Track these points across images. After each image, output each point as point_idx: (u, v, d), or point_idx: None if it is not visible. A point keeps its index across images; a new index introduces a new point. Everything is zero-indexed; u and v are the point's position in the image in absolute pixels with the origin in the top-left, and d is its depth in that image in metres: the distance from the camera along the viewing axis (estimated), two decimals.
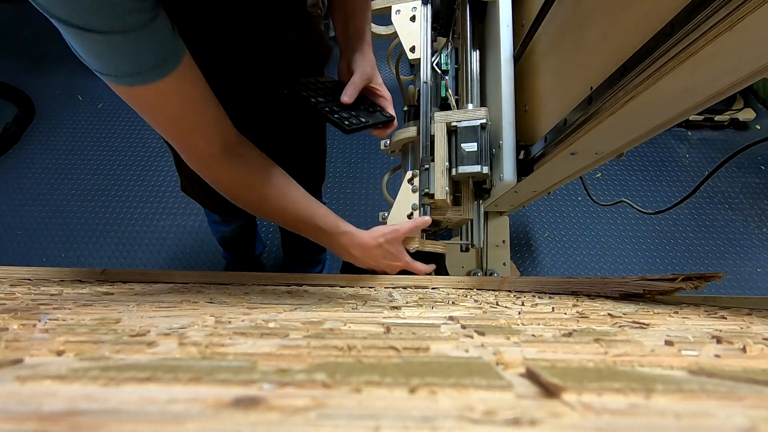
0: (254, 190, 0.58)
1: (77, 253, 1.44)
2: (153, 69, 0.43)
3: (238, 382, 0.13)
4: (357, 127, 0.58)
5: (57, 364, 0.16)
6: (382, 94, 0.65)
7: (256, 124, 0.71)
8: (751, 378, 0.15)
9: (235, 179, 0.56)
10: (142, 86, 0.43)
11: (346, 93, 0.60)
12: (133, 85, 0.43)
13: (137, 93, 0.44)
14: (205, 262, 1.43)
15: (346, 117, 0.58)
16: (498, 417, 0.10)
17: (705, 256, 1.44)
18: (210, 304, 0.39)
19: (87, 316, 0.30)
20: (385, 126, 0.64)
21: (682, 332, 0.26)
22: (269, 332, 0.24)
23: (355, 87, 0.60)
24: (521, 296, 0.56)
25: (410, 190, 0.73)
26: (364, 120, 0.59)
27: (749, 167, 1.62)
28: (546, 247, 1.47)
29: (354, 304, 0.44)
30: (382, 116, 0.63)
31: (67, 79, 1.81)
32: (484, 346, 0.21)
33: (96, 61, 0.41)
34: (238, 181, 0.57)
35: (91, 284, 0.59)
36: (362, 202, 1.55)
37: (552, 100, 0.64)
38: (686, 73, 0.37)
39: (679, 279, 0.43)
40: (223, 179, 0.56)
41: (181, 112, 0.48)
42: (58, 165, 1.63)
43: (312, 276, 0.72)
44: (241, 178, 0.56)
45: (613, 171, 1.62)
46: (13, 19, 2.01)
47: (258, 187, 0.58)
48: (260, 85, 0.65)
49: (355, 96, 0.60)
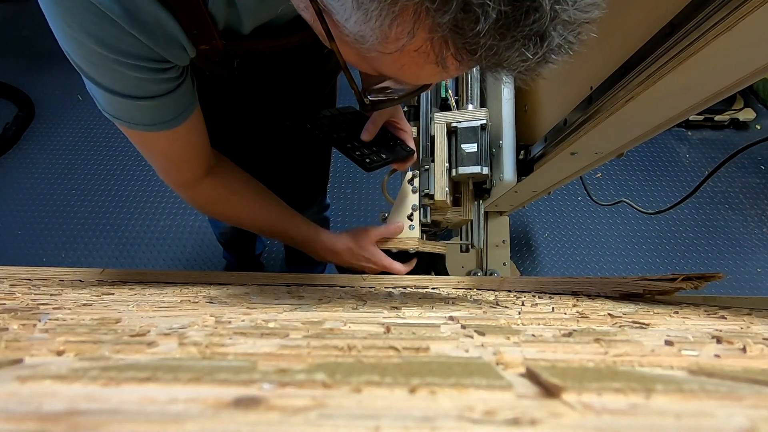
0: (228, 205, 0.60)
1: (77, 253, 1.44)
2: (170, 121, 0.45)
3: (238, 382, 0.13)
4: (378, 164, 0.59)
5: (57, 364, 0.16)
6: (403, 127, 0.65)
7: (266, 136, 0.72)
8: (751, 378, 0.15)
9: (211, 197, 0.58)
10: (153, 132, 0.45)
11: (367, 130, 0.61)
12: (144, 131, 0.45)
13: (146, 137, 0.46)
14: (205, 262, 1.43)
15: (367, 154, 0.59)
16: (498, 417, 0.10)
17: (705, 256, 1.44)
18: (210, 304, 0.39)
19: (87, 316, 0.30)
20: (405, 160, 0.64)
21: (682, 332, 0.26)
22: (269, 332, 0.24)
23: (375, 125, 0.61)
24: (521, 296, 0.56)
25: (410, 191, 0.73)
26: (385, 156, 0.60)
27: (749, 167, 1.62)
28: (546, 247, 1.47)
29: (354, 304, 0.44)
30: (403, 151, 0.64)
31: (67, 79, 1.81)
32: (484, 346, 0.21)
33: (116, 111, 0.43)
34: (214, 199, 0.59)
35: (91, 284, 0.59)
36: (362, 202, 1.55)
37: (552, 100, 0.64)
38: (686, 73, 0.37)
39: (679, 279, 0.43)
40: (200, 197, 0.58)
41: (179, 152, 0.50)
42: (58, 165, 1.62)
43: (312, 276, 0.72)
44: (216, 196, 0.59)
45: (613, 171, 1.62)
46: (13, 19, 2.01)
47: (232, 204, 0.60)
48: (277, 108, 0.67)
49: (375, 133, 0.61)
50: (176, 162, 0.52)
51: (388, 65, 0.28)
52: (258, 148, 0.75)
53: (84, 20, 0.33)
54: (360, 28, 0.26)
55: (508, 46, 0.23)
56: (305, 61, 0.56)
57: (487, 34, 0.22)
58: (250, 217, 0.63)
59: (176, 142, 0.48)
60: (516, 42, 0.23)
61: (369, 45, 0.26)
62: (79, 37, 0.35)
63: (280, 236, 0.66)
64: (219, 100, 0.54)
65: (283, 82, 0.59)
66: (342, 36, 0.29)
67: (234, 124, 0.64)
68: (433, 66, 0.26)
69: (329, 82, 0.70)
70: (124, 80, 0.39)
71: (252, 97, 0.62)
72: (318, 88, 0.68)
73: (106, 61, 0.36)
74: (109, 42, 0.35)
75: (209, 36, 0.40)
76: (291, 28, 0.46)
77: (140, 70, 0.38)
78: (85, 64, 0.38)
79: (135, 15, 0.34)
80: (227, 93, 0.58)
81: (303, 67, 0.58)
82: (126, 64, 0.37)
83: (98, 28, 0.34)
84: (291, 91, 0.63)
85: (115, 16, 0.33)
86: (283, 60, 0.52)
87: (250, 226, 0.64)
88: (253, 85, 0.59)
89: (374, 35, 0.25)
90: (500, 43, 0.23)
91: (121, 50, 0.36)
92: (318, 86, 0.68)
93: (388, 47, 0.25)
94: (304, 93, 0.66)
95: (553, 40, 0.24)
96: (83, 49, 0.36)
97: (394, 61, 0.27)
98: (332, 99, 0.77)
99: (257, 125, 0.70)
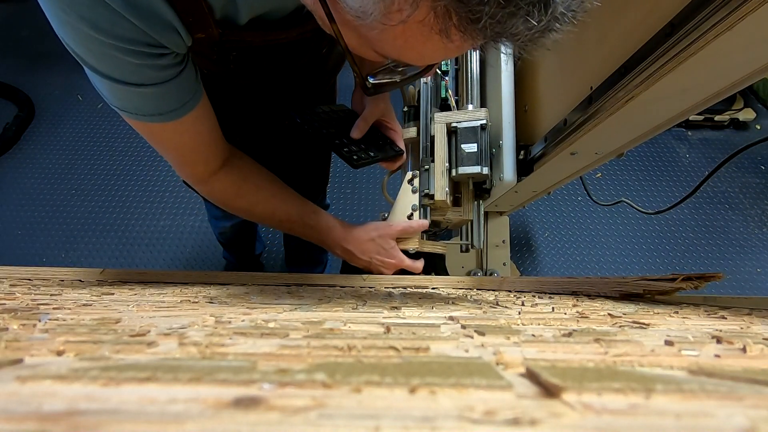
0: (244, 197, 0.60)
1: (77, 253, 1.44)
2: (175, 110, 0.45)
3: (238, 382, 0.13)
4: (365, 162, 0.59)
5: (57, 364, 0.16)
6: (393, 127, 0.66)
7: (264, 134, 0.72)
8: (751, 378, 0.15)
9: (227, 190, 0.58)
10: (160, 123, 0.45)
11: (357, 128, 0.61)
12: (152, 122, 0.45)
13: (154, 129, 0.46)
14: (205, 262, 1.43)
15: (355, 151, 0.59)
16: (498, 417, 0.10)
17: (705, 256, 1.44)
18: (210, 304, 0.39)
19: (87, 316, 0.30)
20: (394, 160, 0.64)
21: (682, 332, 0.26)
22: (269, 332, 0.24)
23: (365, 123, 0.61)
24: (521, 296, 0.56)
25: (410, 191, 0.73)
26: (373, 155, 0.61)
27: (749, 167, 1.62)
28: (546, 247, 1.47)
29: (354, 304, 0.44)
30: (392, 150, 0.64)
31: (67, 79, 1.81)
32: (484, 346, 0.21)
33: (120, 102, 0.43)
34: (230, 191, 0.59)
35: (91, 284, 0.59)
36: (362, 202, 1.55)
37: (552, 100, 0.64)
38: (686, 73, 0.37)
39: (679, 279, 0.43)
40: (216, 191, 0.58)
41: (190, 145, 0.50)
42: (58, 165, 1.62)
43: (312, 276, 0.72)
44: (233, 189, 0.58)
45: (613, 171, 1.62)
46: (13, 19, 2.01)
47: (248, 195, 0.60)
48: (275, 106, 0.66)
49: (365, 131, 0.62)
50: (188, 155, 0.52)
51: (390, 43, 0.28)
52: (258, 149, 0.75)
53: (78, 4, 0.33)
54: (362, 2, 0.26)
55: (512, 13, 0.23)
56: (303, 60, 0.56)
57: (491, 1, 0.22)
58: (269, 211, 0.62)
59: (185, 133, 0.48)
60: (520, 9, 0.23)
61: (371, 20, 0.26)
62: (73, 22, 0.35)
63: (297, 225, 0.65)
64: (218, 100, 0.54)
65: (280, 79, 0.59)
66: (344, 17, 0.29)
67: (234, 123, 0.64)
68: (437, 39, 0.26)
69: (328, 82, 0.70)
70: (122, 66, 0.38)
71: (250, 95, 0.62)
72: (316, 87, 0.68)
73: (102, 46, 0.36)
74: (103, 26, 0.35)
75: (205, 24, 0.40)
76: (288, 22, 0.46)
77: (137, 55, 0.38)
78: (83, 50, 0.37)
79: None
80: (226, 92, 0.58)
81: (301, 65, 0.58)
82: (122, 48, 0.37)
83: (92, 12, 0.34)
84: (289, 90, 0.63)
85: (109, 0, 0.33)
86: (280, 56, 0.52)
87: (266, 217, 0.63)
88: (251, 82, 0.59)
89: (377, 9, 0.25)
90: (504, 11, 0.23)
91: (116, 35, 0.35)
92: (316, 85, 0.68)
93: (391, 19, 0.25)
94: (302, 92, 0.66)
95: (557, 8, 0.24)
96: (79, 34, 0.36)
97: (396, 37, 0.27)
98: (331, 98, 0.77)
99: (257, 125, 0.70)
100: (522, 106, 0.73)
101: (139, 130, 0.47)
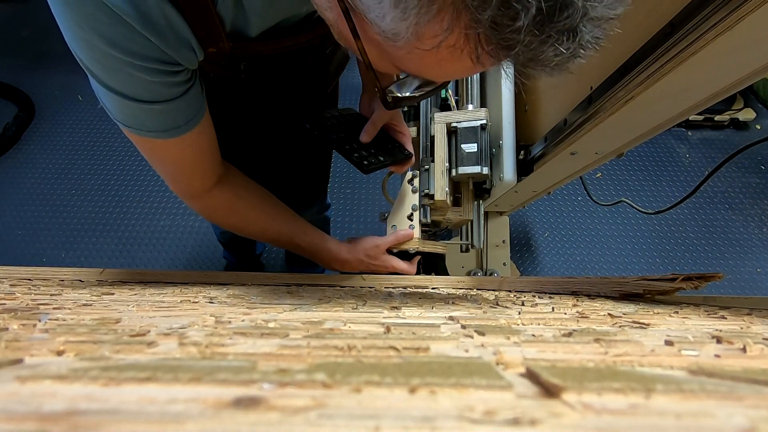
0: (237, 214, 0.60)
1: (77, 253, 1.44)
2: (180, 127, 0.44)
3: (238, 382, 0.13)
4: (375, 167, 0.59)
5: (57, 364, 0.16)
6: (401, 130, 0.66)
7: (267, 134, 0.72)
8: (751, 378, 0.15)
9: (221, 206, 0.59)
10: (163, 140, 0.45)
11: (366, 132, 0.61)
12: (155, 138, 0.45)
13: (156, 144, 0.46)
14: (205, 262, 1.43)
15: (365, 156, 0.59)
16: (498, 417, 0.10)
17: (705, 256, 1.44)
18: (210, 304, 0.39)
19: (87, 316, 0.30)
20: (403, 163, 0.65)
21: (682, 332, 0.26)
22: (269, 332, 0.24)
23: (374, 127, 0.61)
24: (521, 296, 0.56)
25: (410, 191, 0.73)
26: (383, 159, 0.61)
27: (749, 167, 1.62)
28: (546, 247, 1.47)
29: (354, 304, 0.44)
30: (401, 154, 0.64)
31: (67, 79, 1.81)
32: (484, 346, 0.21)
33: (126, 118, 0.43)
34: (224, 207, 0.59)
35: (91, 284, 0.59)
36: (362, 202, 1.55)
37: (552, 100, 0.64)
38: (686, 73, 0.37)
39: (679, 279, 0.43)
40: (210, 206, 0.58)
41: (191, 159, 0.50)
42: (58, 165, 1.62)
43: (312, 276, 0.72)
44: (226, 205, 0.59)
45: (613, 171, 1.62)
46: (13, 19, 2.01)
47: (240, 212, 0.60)
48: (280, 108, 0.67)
49: (374, 135, 0.62)
50: (187, 170, 0.52)
51: (416, 62, 0.28)
52: (260, 149, 0.75)
53: (96, 21, 0.33)
54: (396, 25, 0.25)
55: (544, 41, 0.23)
56: (310, 61, 0.56)
57: (525, 30, 0.22)
58: (260, 228, 0.63)
59: (187, 149, 0.48)
60: (550, 38, 0.23)
61: (402, 43, 0.26)
62: (90, 38, 0.34)
63: (287, 244, 0.66)
64: (221, 101, 0.54)
65: (287, 82, 0.59)
66: (369, 35, 0.28)
67: (236, 124, 0.64)
68: (467, 61, 0.26)
69: (332, 83, 0.70)
70: (135, 83, 0.39)
71: (256, 98, 0.62)
72: (321, 89, 0.68)
73: (117, 63, 0.36)
74: (120, 43, 0.35)
75: (217, 38, 0.40)
76: (297, 28, 0.46)
77: (151, 72, 0.38)
78: (96, 67, 0.37)
79: (146, 15, 0.34)
80: (230, 94, 0.58)
81: (307, 67, 0.57)
82: (137, 66, 0.37)
83: (110, 29, 0.34)
84: (294, 92, 0.63)
85: (126, 17, 0.33)
86: (289, 61, 0.52)
87: (258, 235, 0.64)
88: (258, 86, 0.59)
89: (409, 32, 0.25)
90: (536, 39, 0.23)
91: (132, 52, 0.36)
92: (321, 86, 0.68)
93: (424, 43, 0.25)
94: (307, 93, 0.66)
95: (584, 36, 0.24)
96: (94, 51, 0.36)
97: (424, 57, 0.27)
98: (334, 99, 0.77)
99: (259, 125, 0.70)
100: (522, 106, 0.73)
101: (139, 145, 0.47)
